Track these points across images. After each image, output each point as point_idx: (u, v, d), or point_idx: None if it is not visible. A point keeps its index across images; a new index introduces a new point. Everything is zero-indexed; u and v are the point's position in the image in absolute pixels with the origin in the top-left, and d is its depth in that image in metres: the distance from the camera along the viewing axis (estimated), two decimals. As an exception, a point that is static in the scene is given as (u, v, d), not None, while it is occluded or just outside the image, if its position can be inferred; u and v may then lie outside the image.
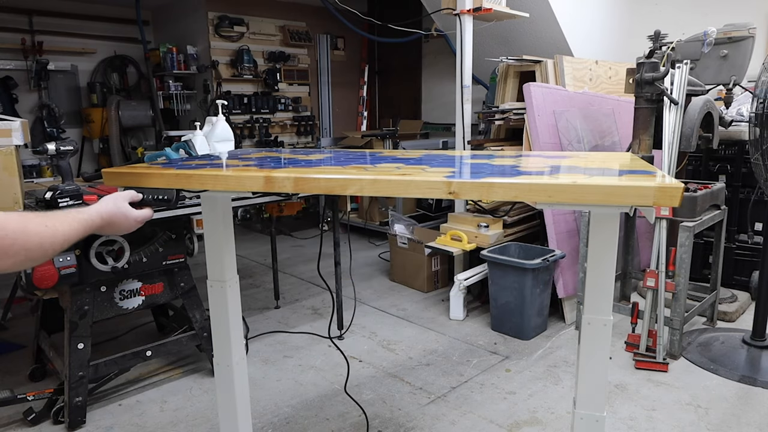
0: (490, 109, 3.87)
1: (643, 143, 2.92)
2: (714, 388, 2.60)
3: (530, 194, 1.07)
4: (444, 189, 1.11)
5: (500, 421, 2.36)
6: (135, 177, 1.38)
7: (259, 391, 2.65)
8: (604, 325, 1.32)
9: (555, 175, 1.17)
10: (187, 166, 1.45)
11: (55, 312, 2.67)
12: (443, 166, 1.35)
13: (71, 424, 2.32)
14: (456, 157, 1.61)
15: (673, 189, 0.99)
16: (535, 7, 4.07)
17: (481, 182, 1.10)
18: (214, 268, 1.70)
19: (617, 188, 1.03)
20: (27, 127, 2.22)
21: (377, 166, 1.40)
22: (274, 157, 1.68)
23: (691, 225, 2.79)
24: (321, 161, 1.54)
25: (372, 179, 1.17)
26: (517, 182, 1.08)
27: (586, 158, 1.52)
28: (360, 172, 1.26)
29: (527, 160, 1.50)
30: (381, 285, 4.18)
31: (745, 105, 3.68)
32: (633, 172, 1.21)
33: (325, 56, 7.50)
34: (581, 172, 1.22)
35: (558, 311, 3.45)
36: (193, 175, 1.32)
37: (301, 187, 1.23)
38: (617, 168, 1.31)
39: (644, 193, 1.01)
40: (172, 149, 2.68)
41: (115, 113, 6.52)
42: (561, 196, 1.05)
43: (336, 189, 1.22)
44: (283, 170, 1.30)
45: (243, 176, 1.28)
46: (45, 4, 6.23)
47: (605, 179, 1.10)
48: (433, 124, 6.92)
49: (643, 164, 1.34)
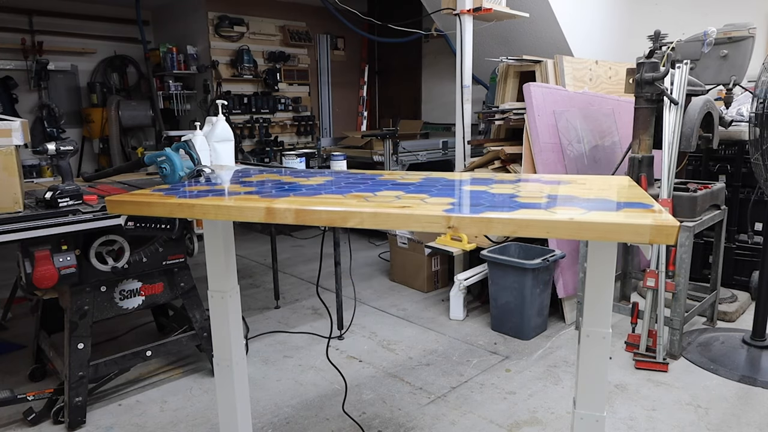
0: (490, 109, 3.87)
1: (643, 143, 2.92)
2: (714, 388, 2.60)
3: (528, 230, 1.11)
4: (443, 223, 1.15)
5: (500, 421, 2.37)
6: (137, 206, 1.41)
7: (259, 391, 2.65)
8: (603, 337, 1.34)
9: (553, 209, 1.18)
10: (189, 193, 1.47)
11: (55, 312, 2.67)
12: (443, 195, 1.37)
13: (71, 424, 2.32)
14: (455, 182, 1.62)
15: (669, 227, 1.03)
16: (535, 7, 4.07)
17: (480, 217, 1.13)
18: (215, 278, 1.71)
19: (614, 226, 1.06)
20: (27, 127, 2.22)
21: (377, 194, 1.41)
22: (275, 181, 1.69)
23: (691, 225, 2.79)
24: (322, 186, 1.56)
25: (372, 212, 1.20)
26: (515, 218, 1.11)
27: (584, 184, 1.53)
28: (360, 203, 1.29)
29: (526, 187, 1.50)
30: (381, 285, 4.18)
31: (745, 105, 3.68)
32: (630, 205, 1.22)
33: (325, 56, 7.51)
34: (579, 204, 1.24)
35: (558, 311, 3.45)
36: (195, 205, 1.35)
37: (302, 218, 1.27)
38: (615, 198, 1.31)
39: (640, 231, 1.04)
40: (172, 149, 2.68)
41: (115, 113, 6.52)
42: (558, 232, 1.09)
43: (337, 221, 1.25)
44: (284, 201, 1.33)
45: (244, 207, 1.31)
46: (45, 4, 6.23)
47: (602, 215, 1.11)
48: (433, 124, 6.92)
49: (641, 194, 1.35)
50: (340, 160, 3.21)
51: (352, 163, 3.54)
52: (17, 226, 2.02)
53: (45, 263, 2.14)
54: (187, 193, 1.49)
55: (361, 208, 1.22)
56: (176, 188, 1.60)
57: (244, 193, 1.47)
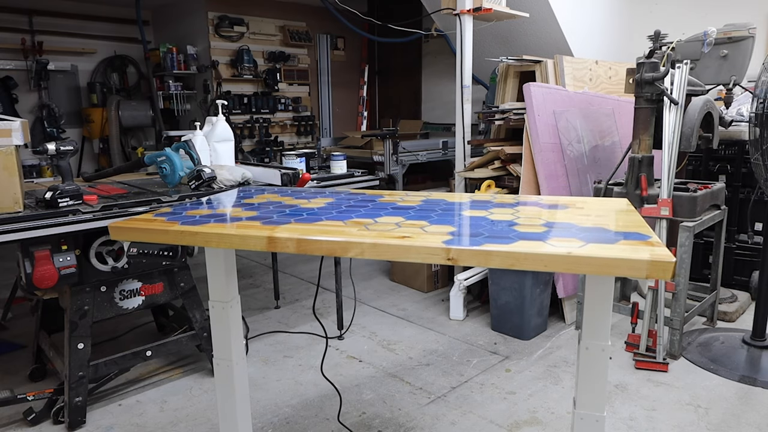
0: (490, 109, 3.87)
1: (643, 143, 2.92)
2: (714, 388, 2.60)
3: (527, 263, 1.13)
4: (443, 255, 1.17)
5: (500, 421, 2.37)
6: (139, 233, 1.42)
7: (259, 391, 2.65)
8: (602, 350, 1.35)
9: (551, 240, 1.20)
10: (191, 219, 1.48)
11: (55, 312, 2.67)
12: (442, 223, 1.39)
13: (71, 424, 2.32)
14: (455, 205, 1.62)
15: (666, 263, 1.04)
16: (535, 7, 4.07)
17: (479, 250, 1.15)
18: (216, 289, 1.71)
19: (610, 260, 1.07)
20: (27, 127, 2.22)
21: (377, 220, 1.43)
22: (276, 204, 1.70)
23: (691, 225, 2.79)
24: (323, 210, 1.57)
25: (372, 243, 1.22)
26: (513, 251, 1.13)
27: (582, 209, 1.54)
28: (361, 231, 1.31)
29: (524, 211, 1.51)
30: (381, 285, 4.18)
31: (745, 105, 3.68)
32: (628, 236, 1.22)
33: (325, 56, 7.51)
34: (576, 234, 1.25)
35: (558, 311, 3.45)
36: (198, 233, 1.36)
37: (304, 248, 1.28)
38: (613, 227, 1.31)
39: (637, 266, 1.06)
40: (172, 149, 2.69)
41: (115, 113, 6.53)
42: (556, 266, 1.11)
43: (337, 251, 1.26)
44: (285, 229, 1.34)
45: (247, 236, 1.32)
46: (45, 4, 6.23)
47: (599, 249, 1.12)
48: (433, 124, 6.92)
49: (638, 222, 1.36)
50: (340, 160, 3.21)
51: (352, 163, 3.54)
52: (17, 226, 2.02)
53: (45, 263, 2.14)
54: (189, 218, 1.50)
55: (361, 239, 1.24)
56: (178, 212, 1.60)
57: (246, 219, 1.49)
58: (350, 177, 3.19)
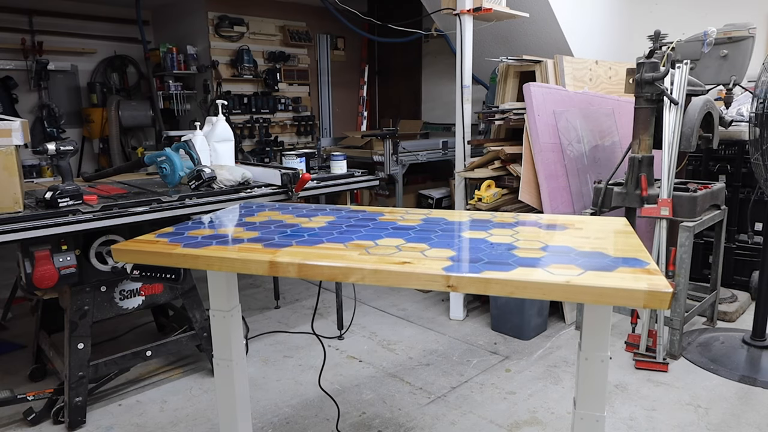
0: (490, 109, 3.87)
1: (643, 143, 2.92)
2: (714, 388, 2.60)
3: (525, 291, 1.13)
4: (443, 282, 1.19)
5: (500, 421, 2.36)
6: (141, 255, 1.43)
7: (259, 391, 2.65)
8: (601, 361, 1.35)
9: (549, 267, 1.20)
10: (193, 240, 1.48)
11: (55, 312, 2.67)
12: (442, 246, 1.39)
13: (71, 424, 2.32)
14: (455, 225, 1.63)
15: (663, 293, 1.04)
16: (535, 7, 4.07)
17: (479, 278, 1.16)
18: (217, 298, 1.71)
19: (608, 290, 1.08)
20: (27, 127, 2.22)
21: (378, 243, 1.43)
22: (277, 223, 1.70)
23: (691, 225, 2.79)
24: (324, 231, 1.58)
25: (373, 270, 1.23)
26: (512, 279, 1.14)
27: (581, 230, 1.55)
28: (362, 255, 1.32)
29: (524, 233, 1.52)
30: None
31: (745, 105, 3.68)
32: (626, 262, 1.22)
33: (325, 56, 7.50)
34: (575, 260, 1.25)
35: (558, 311, 3.45)
36: (199, 257, 1.37)
37: (305, 273, 1.29)
38: (611, 252, 1.32)
39: (635, 296, 1.07)
40: (172, 149, 2.69)
41: (115, 113, 6.52)
42: (555, 295, 1.12)
43: (339, 277, 1.28)
44: (287, 252, 1.36)
45: (248, 260, 1.33)
46: (45, 4, 6.23)
47: (597, 278, 1.13)
48: (433, 124, 6.92)
49: (637, 245, 1.37)
50: (340, 160, 3.21)
51: (352, 163, 3.54)
52: (17, 226, 2.02)
53: (45, 263, 2.15)
54: (191, 239, 1.50)
55: (362, 264, 1.25)
56: (180, 232, 1.60)
57: (248, 240, 1.50)
58: (350, 177, 3.19)
